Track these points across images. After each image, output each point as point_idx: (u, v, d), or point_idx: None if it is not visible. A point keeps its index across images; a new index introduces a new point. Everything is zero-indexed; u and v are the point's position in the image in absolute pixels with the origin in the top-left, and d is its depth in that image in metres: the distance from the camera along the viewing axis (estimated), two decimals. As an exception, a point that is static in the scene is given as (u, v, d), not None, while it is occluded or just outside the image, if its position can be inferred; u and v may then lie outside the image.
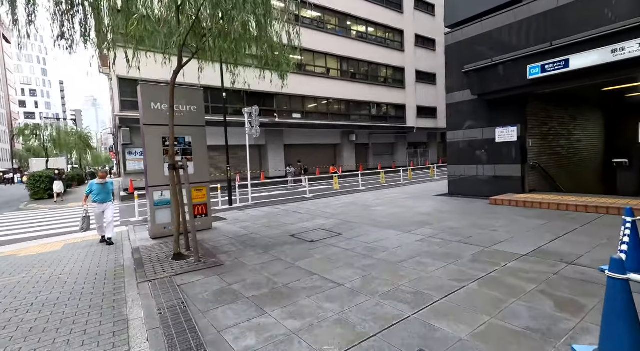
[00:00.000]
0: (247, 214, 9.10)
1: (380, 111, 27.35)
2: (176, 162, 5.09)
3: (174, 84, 5.08)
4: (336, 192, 14.13)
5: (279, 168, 22.29)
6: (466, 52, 9.29)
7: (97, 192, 6.52)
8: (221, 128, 12.40)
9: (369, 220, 7.10)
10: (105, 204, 6.57)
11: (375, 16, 25.66)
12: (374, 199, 10.46)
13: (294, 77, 22.06)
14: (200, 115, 7.18)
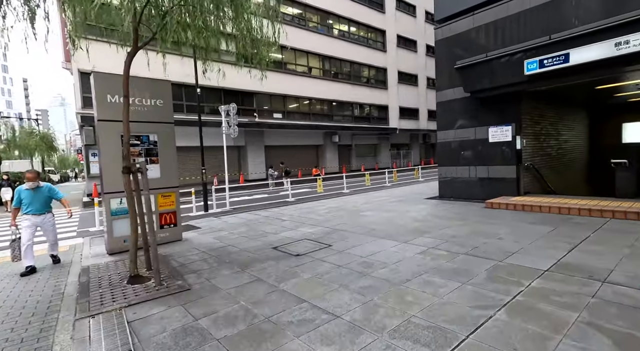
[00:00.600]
0: (223, 222, 8.22)
1: (363, 112, 26.94)
2: (132, 164, 4.20)
3: (129, 69, 4.19)
4: (320, 196, 13.43)
5: (259, 171, 21.33)
6: (457, 47, 8.84)
7: (27, 200, 5.01)
8: (197, 128, 11.41)
9: (361, 228, 6.42)
10: (42, 217, 5.14)
11: (358, 15, 25.25)
12: (361, 203, 9.82)
13: (274, 75, 21.25)
14: (168, 111, 6.27)
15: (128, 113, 4.22)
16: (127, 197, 4.16)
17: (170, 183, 6.32)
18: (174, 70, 16.72)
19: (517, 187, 8.08)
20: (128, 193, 4.15)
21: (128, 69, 4.16)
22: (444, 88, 9.32)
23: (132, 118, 5.88)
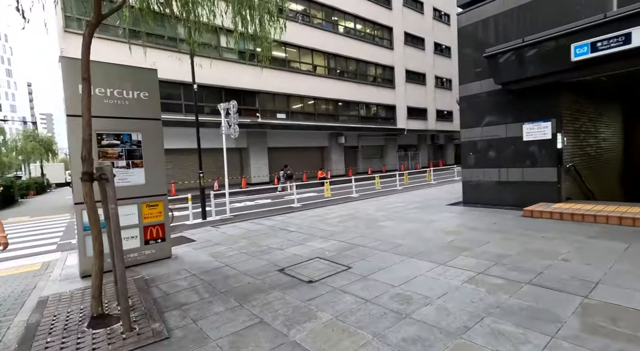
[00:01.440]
0: (222, 233, 7.23)
1: (370, 112, 25.95)
2: (92, 170, 3.24)
3: (89, 43, 3.22)
4: (328, 201, 12.42)
5: (262, 174, 20.38)
6: (485, 34, 7.83)
7: None
8: (189, 130, 10.48)
9: (382, 243, 5.40)
10: None
11: (364, 11, 24.32)
12: (375, 210, 8.80)
13: (278, 74, 20.33)
14: (154, 105, 5.31)
15: (89, 101, 3.26)
16: (88, 212, 3.18)
17: (156, 191, 5.35)
18: (172, 68, 15.87)
19: (558, 192, 7.03)
20: (89, 208, 3.18)
21: (88, 44, 3.20)
22: (469, 81, 8.30)
23: (111, 114, 4.94)
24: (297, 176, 22.18)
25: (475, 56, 7.99)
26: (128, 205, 5.06)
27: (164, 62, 15.03)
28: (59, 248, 7.37)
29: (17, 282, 4.82)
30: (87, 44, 3.15)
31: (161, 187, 5.43)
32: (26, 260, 6.35)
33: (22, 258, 6.56)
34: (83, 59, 3.17)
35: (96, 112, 4.76)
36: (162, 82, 15.44)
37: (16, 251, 7.29)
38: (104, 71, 4.83)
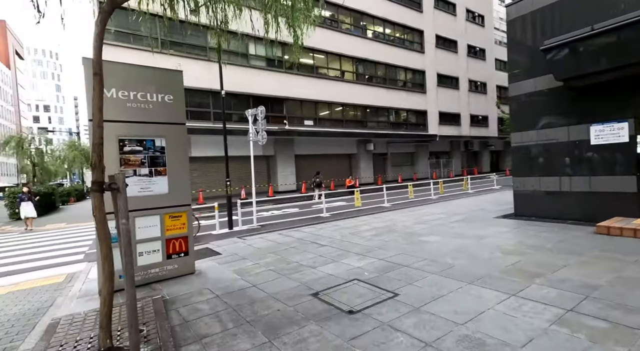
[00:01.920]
0: (248, 245, 6.77)
1: (400, 118, 25.04)
2: (103, 179, 2.83)
3: (102, 33, 2.84)
4: (359, 211, 11.73)
5: (289, 182, 20.03)
6: (540, 25, 6.95)
7: None
8: (218, 137, 10.26)
9: (429, 262, 4.67)
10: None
11: (393, 15, 23.69)
12: (414, 222, 8.01)
13: (305, 80, 20.07)
14: (179, 109, 4.97)
15: (101, 100, 2.87)
16: (97, 227, 2.77)
17: (180, 200, 4.97)
18: (201, 76, 16.00)
19: (638, 204, 5.94)
20: (98, 222, 2.77)
21: (101, 33, 2.82)
22: (521, 78, 7.40)
23: (134, 118, 4.64)
24: (324, 184, 21.68)
25: (528, 51, 7.12)
26: (150, 216, 4.70)
27: (193, 70, 15.19)
28: (85, 257, 7.23)
29: (36, 297, 4.57)
30: (99, 33, 2.78)
31: (185, 196, 5.05)
32: (53, 270, 6.20)
33: (50, 268, 6.44)
34: (94, 51, 2.80)
35: (118, 116, 4.48)
36: (192, 90, 15.64)
37: (47, 260, 7.22)
38: (127, 73, 4.55)
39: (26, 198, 12.68)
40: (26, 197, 12.70)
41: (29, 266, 6.72)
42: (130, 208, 4.52)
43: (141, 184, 4.66)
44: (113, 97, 4.39)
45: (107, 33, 14.58)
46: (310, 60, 20.03)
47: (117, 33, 14.39)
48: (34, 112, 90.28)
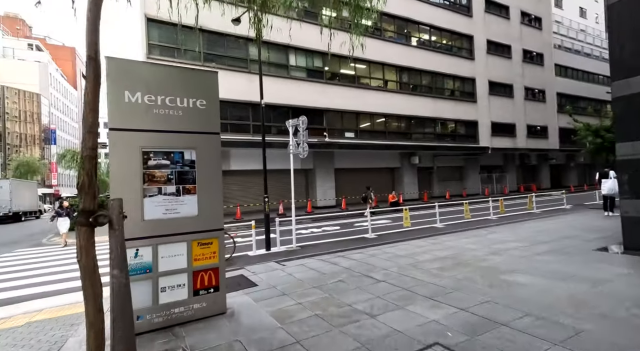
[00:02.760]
0: (288, 274, 5.81)
1: (447, 129, 23.28)
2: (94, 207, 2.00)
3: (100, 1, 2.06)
4: (409, 232, 10.40)
5: (328, 197, 19.06)
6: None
7: None
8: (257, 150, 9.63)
9: (535, 320, 3.36)
10: None
11: (440, 21, 22.36)
12: (485, 252, 6.58)
13: (346, 91, 19.26)
14: (213, 116, 4.22)
15: (96, 95, 2.06)
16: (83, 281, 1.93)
17: (211, 224, 4.15)
18: (241, 88, 15.75)
19: None
20: (85, 272, 1.92)
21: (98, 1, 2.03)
22: (632, 74, 5.84)
23: (160, 127, 3.92)
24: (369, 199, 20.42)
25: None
26: (175, 244, 3.92)
27: (233, 83, 15.03)
28: (115, 279, 6.69)
29: (49, 334, 3.94)
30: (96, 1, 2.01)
31: (217, 219, 4.22)
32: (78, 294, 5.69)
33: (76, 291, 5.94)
34: (89, 28, 2.02)
35: (143, 124, 3.80)
36: (232, 103, 15.39)
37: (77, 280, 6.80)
38: (155, 74, 3.89)
39: (64, 213, 11.77)
40: (64, 213, 11.79)
41: (58, 289, 6.32)
42: (153, 233, 3.75)
43: (166, 205, 3.91)
44: (138, 102, 3.73)
45: (152, 48, 14.91)
46: (351, 70, 19.27)
47: (162, 48, 14.66)
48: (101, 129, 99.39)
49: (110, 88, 3.61)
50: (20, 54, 56.73)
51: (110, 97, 3.62)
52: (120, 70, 3.67)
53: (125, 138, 3.66)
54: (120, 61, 3.69)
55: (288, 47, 16.90)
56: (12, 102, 50.57)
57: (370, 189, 16.74)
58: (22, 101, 52.53)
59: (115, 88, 3.63)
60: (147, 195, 3.81)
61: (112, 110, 3.61)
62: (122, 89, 3.66)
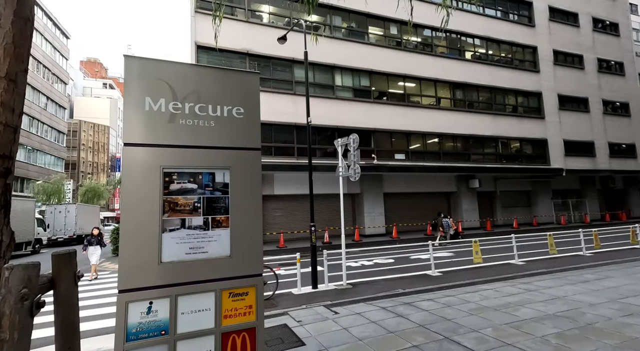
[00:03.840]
0: (343, 329, 4.55)
1: (510, 149, 20.81)
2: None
3: None
4: (481, 270, 8.62)
5: (377, 224, 17.51)
6: None
7: None
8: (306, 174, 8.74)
9: None
10: None
11: (497, 32, 20.66)
12: (616, 310, 4.75)
13: (395, 110, 18.04)
14: (252, 128, 3.31)
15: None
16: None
17: (247, 268, 3.12)
18: (285, 110, 15.22)
19: None
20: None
21: None
22: None
23: (186, 141, 3.01)
24: (418, 228, 18.54)
25: None
26: (200, 295, 2.93)
27: (278, 105, 14.68)
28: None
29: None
30: None
31: (254, 262, 3.19)
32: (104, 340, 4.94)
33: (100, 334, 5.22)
34: None
35: (165, 138, 2.95)
36: (276, 125, 14.92)
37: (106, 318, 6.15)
38: (182, 75, 3.10)
39: (95, 242, 10.15)
40: (95, 241, 10.15)
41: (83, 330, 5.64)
42: (172, 280, 2.80)
43: (191, 241, 2.98)
44: (161, 110, 2.93)
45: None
46: (400, 88, 18.19)
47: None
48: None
49: (128, 95, 2.87)
50: (96, 92, 64.61)
51: (128, 105, 2.86)
52: (142, 71, 2.93)
53: (142, 155, 2.85)
54: (142, 61, 2.96)
55: (334, 67, 16.41)
56: (87, 134, 56.92)
57: (442, 215, 15.03)
58: (95, 133, 58.93)
59: (134, 93, 2.87)
60: (167, 228, 2.91)
61: (128, 121, 2.83)
62: (143, 95, 2.89)
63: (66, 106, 38.82)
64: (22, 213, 16.80)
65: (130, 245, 2.76)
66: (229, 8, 15.05)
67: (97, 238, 10.23)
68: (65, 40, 39.81)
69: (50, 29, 35.96)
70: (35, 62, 32.43)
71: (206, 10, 14.22)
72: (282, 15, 16.17)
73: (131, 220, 2.77)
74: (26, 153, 30.68)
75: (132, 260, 2.75)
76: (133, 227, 2.77)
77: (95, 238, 10.21)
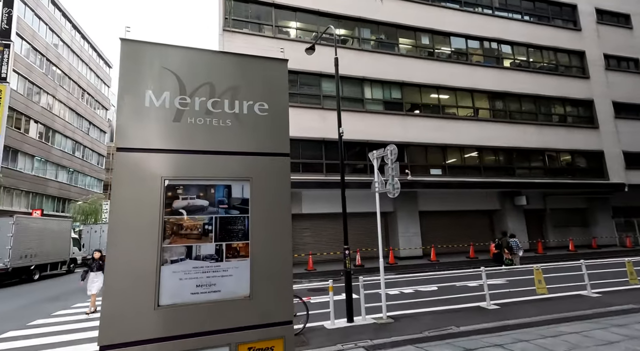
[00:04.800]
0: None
1: (560, 162, 18.90)
2: None
3: None
4: (547, 302, 7.26)
5: (413, 245, 16.17)
6: None
7: None
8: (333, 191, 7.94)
9: None
10: None
11: (537, 38, 19.35)
12: None
13: (430, 122, 16.96)
14: (278, 129, 2.60)
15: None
16: None
17: (273, 314, 2.34)
18: (313, 125, 14.62)
19: None
20: None
21: None
22: None
23: (196, 145, 2.39)
24: (458, 249, 16.94)
25: None
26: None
27: (305, 120, 14.20)
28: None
29: None
30: None
31: (283, 304, 2.39)
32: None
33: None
34: None
35: (170, 140, 2.27)
36: (304, 141, 14.35)
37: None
38: (192, 63, 2.47)
39: (95, 267, 8.48)
40: (96, 266, 8.49)
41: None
42: (173, 331, 2.06)
43: (199, 277, 2.25)
44: (165, 106, 2.29)
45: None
46: (434, 100, 17.21)
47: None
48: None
49: (124, 88, 2.26)
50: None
51: (123, 100, 2.25)
52: (142, 58, 2.33)
53: (139, 163, 2.18)
54: (142, 45, 2.36)
55: (363, 79, 15.84)
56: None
57: (508, 234, 13.66)
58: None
59: (131, 86, 2.26)
60: (168, 259, 2.21)
61: (124, 121, 2.21)
62: (143, 87, 2.28)
63: (107, 130, 41.15)
64: (59, 232, 17.21)
65: (118, 282, 2.05)
66: (256, 25, 15.11)
67: (99, 262, 8.56)
68: (108, 70, 42.81)
69: (95, 60, 38.81)
70: (81, 90, 34.87)
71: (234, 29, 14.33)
72: (309, 29, 16.01)
73: (121, 248, 2.08)
74: (68, 175, 32.40)
75: (119, 303, 2.03)
76: (123, 257, 2.08)
77: (96, 262, 8.57)
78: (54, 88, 29.55)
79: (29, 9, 26.17)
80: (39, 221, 16.74)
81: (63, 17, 32.39)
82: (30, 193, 26.67)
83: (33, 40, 26.54)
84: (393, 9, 16.82)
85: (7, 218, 14.02)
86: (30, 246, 14.65)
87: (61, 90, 30.83)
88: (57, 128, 29.91)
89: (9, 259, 13.28)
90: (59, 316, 8.38)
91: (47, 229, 16.27)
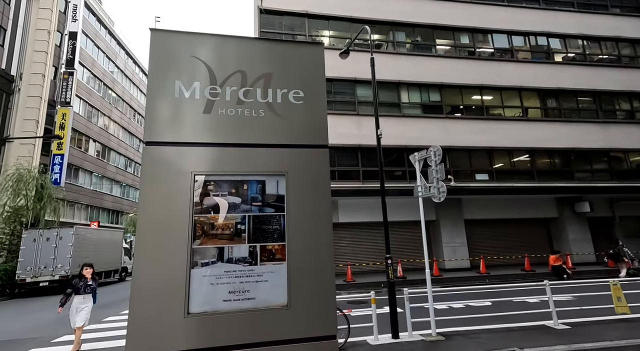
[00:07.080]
0: None
1: (629, 164, 16.79)
2: None
3: None
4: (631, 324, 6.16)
5: (459, 256, 15.04)
6: None
7: None
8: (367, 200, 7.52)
9: None
10: None
11: (594, 28, 17.67)
12: None
13: (474, 125, 16.00)
14: (316, 119, 2.35)
15: None
16: None
17: (315, 328, 2.04)
18: (348, 131, 14.31)
19: None
20: None
21: None
22: None
23: (227, 138, 2.21)
24: (510, 261, 15.49)
25: None
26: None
27: (340, 126, 13.97)
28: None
29: None
30: None
31: (326, 315, 2.08)
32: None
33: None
34: None
35: (200, 133, 2.13)
36: (339, 148, 14.10)
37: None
38: (221, 51, 2.31)
39: (83, 288, 5.85)
40: (83, 287, 5.85)
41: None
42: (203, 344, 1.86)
43: (231, 282, 2.02)
44: (194, 97, 2.14)
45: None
46: (476, 102, 16.21)
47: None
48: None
49: (153, 79, 2.15)
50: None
51: (152, 92, 2.13)
52: (171, 47, 2.22)
53: (167, 157, 2.03)
54: (171, 34, 2.25)
55: (399, 83, 15.37)
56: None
57: (621, 242, 12.47)
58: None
59: (160, 77, 2.15)
60: (199, 262, 2.01)
61: (152, 113, 2.08)
62: (172, 78, 2.15)
63: (155, 146, 44.05)
64: (112, 242, 18.38)
65: (146, 286, 1.88)
66: (290, 36, 15.36)
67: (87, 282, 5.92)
68: (156, 91, 46.13)
69: (145, 82, 42.14)
70: (132, 111, 37.90)
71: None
72: (342, 37, 15.96)
73: (149, 248, 1.91)
74: (121, 190, 34.96)
75: (147, 309, 1.85)
76: (150, 259, 1.91)
77: (83, 281, 5.91)
78: (109, 110, 32.37)
79: (89, 40, 29.11)
80: (94, 232, 18.01)
81: (118, 46, 35.67)
82: (89, 206, 29.04)
83: (92, 67, 29.39)
84: (430, 10, 16.31)
85: (68, 229, 15.20)
86: (87, 255, 15.73)
87: (115, 112, 33.69)
88: (112, 146, 32.58)
89: (69, 267, 14.32)
90: (109, 321, 8.72)
91: (102, 239, 17.43)
